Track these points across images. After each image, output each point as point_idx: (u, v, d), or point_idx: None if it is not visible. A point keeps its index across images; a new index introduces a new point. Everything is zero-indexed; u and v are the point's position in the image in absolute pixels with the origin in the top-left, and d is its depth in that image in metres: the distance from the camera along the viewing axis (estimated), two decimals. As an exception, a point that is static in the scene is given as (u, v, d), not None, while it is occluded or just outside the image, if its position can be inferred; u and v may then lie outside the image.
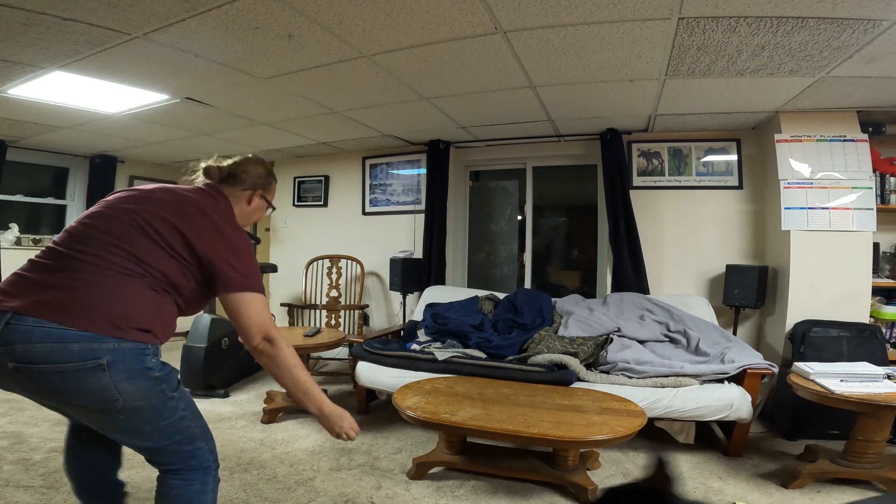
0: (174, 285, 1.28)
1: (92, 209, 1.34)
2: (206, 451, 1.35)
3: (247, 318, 1.30)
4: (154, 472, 1.37)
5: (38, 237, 4.82)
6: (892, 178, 3.10)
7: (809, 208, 3.08)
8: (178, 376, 1.34)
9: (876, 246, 3.07)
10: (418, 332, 3.42)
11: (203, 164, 1.54)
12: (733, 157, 3.66)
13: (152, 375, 1.22)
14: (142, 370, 1.19)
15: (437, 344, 3.12)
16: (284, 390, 3.13)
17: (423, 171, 4.40)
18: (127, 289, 1.20)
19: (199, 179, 1.52)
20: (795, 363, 2.42)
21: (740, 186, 3.64)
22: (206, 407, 3.21)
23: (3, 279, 4.30)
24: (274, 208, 1.64)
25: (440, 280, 4.18)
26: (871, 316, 3.02)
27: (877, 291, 3.06)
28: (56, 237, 1.28)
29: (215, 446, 1.40)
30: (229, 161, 1.56)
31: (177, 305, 1.33)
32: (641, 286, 3.65)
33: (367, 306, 4.52)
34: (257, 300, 1.32)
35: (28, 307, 1.12)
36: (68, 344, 1.11)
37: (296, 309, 4.41)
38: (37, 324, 1.11)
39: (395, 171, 4.60)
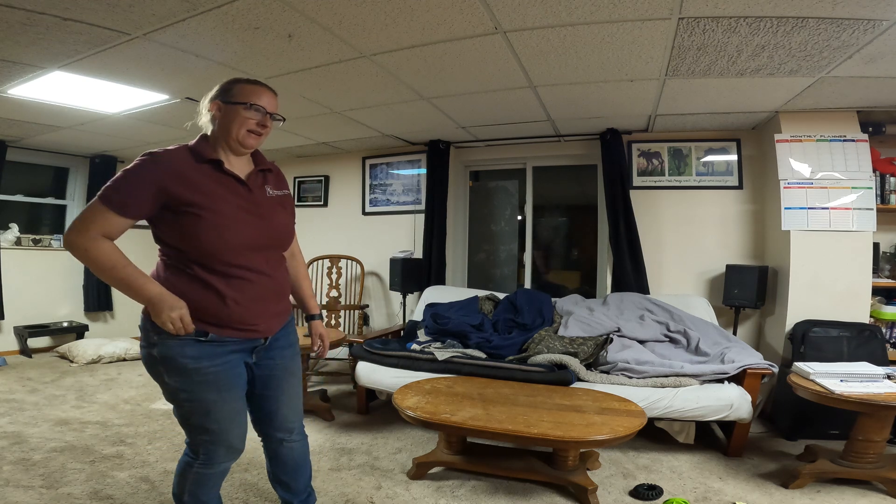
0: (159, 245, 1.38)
1: None
2: (201, 446, 1.40)
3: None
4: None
5: (38, 237, 4.82)
6: (892, 178, 3.10)
7: (809, 208, 3.08)
8: (208, 372, 1.33)
9: (876, 246, 3.07)
10: (418, 332, 3.42)
11: None
12: (733, 157, 3.66)
13: (150, 353, 1.34)
14: (146, 345, 1.35)
15: (437, 344, 3.11)
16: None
17: (423, 171, 4.40)
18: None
19: None
20: (795, 363, 2.42)
21: (740, 186, 3.64)
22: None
23: (2, 280, 4.31)
24: (249, 105, 1.37)
25: (440, 280, 4.18)
26: (871, 316, 3.02)
27: (877, 291, 3.06)
28: None
29: (224, 453, 1.41)
30: None
31: (185, 273, 1.33)
32: (641, 286, 3.65)
33: (367, 306, 4.52)
34: (88, 206, 1.27)
35: None
36: None
37: (296, 309, 4.39)
38: None
39: (395, 171, 4.60)
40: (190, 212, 1.28)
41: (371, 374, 2.95)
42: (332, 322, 4.37)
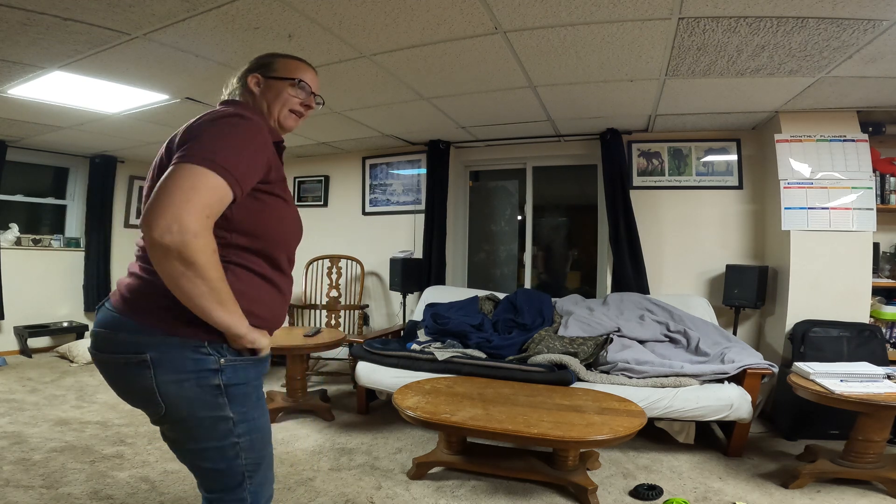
0: (227, 245, 1.02)
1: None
2: (248, 493, 1.08)
3: (169, 188, 0.89)
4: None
5: (38, 237, 4.83)
6: (892, 178, 3.10)
7: (809, 208, 3.08)
8: (259, 391, 1.11)
9: (876, 246, 3.07)
10: (418, 332, 3.42)
11: None
12: (733, 157, 3.66)
13: (210, 382, 1.00)
14: (197, 373, 0.99)
15: (437, 344, 3.12)
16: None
17: (423, 171, 4.40)
18: None
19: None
20: (795, 363, 2.42)
21: (740, 186, 3.64)
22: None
23: (2, 280, 4.30)
24: (296, 80, 1.20)
25: (440, 280, 4.18)
26: (871, 316, 3.02)
27: (877, 291, 3.06)
28: None
29: (270, 489, 1.15)
30: None
31: (253, 271, 1.06)
32: (641, 286, 3.65)
33: (367, 306, 4.52)
34: (189, 171, 0.90)
35: (114, 293, 1.06)
36: (116, 333, 1.00)
37: (296, 309, 4.41)
38: (109, 308, 1.03)
39: (395, 171, 4.60)
40: (275, 193, 1.07)
41: (371, 374, 2.95)
42: (332, 322, 4.37)
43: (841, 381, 2.17)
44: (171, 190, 0.89)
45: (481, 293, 3.82)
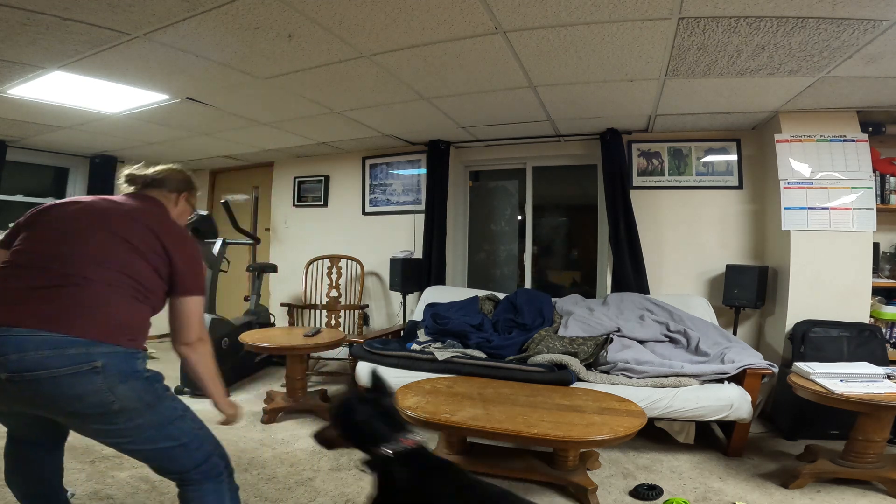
0: (149, 291, 1.37)
1: (50, 223, 1.46)
2: (217, 457, 1.40)
3: (194, 318, 1.44)
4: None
5: (38, 237, 4.82)
6: (892, 178, 3.10)
7: (809, 208, 3.08)
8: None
9: (876, 246, 3.07)
10: (418, 332, 3.42)
11: (126, 171, 1.59)
12: (733, 157, 3.66)
13: (143, 376, 1.30)
14: (134, 372, 1.28)
15: (437, 344, 3.11)
16: (284, 391, 3.15)
17: (423, 171, 4.40)
18: (116, 301, 1.29)
19: (122, 187, 1.58)
20: (795, 363, 2.42)
21: (740, 186, 3.64)
22: (206, 407, 3.20)
23: None
24: (196, 213, 1.76)
25: (440, 280, 4.18)
26: (871, 316, 3.02)
27: (877, 291, 3.06)
28: (21, 245, 1.39)
29: (225, 451, 1.45)
30: (151, 169, 1.61)
31: (152, 311, 1.43)
32: (641, 286, 3.65)
33: (367, 306, 4.51)
34: (198, 302, 1.46)
35: (22, 320, 1.17)
36: (65, 349, 1.17)
37: (296, 309, 4.41)
38: (30, 333, 1.16)
39: (395, 171, 4.60)
40: None
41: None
42: (333, 322, 4.37)
43: (841, 381, 2.17)
44: (194, 316, 1.42)
45: (481, 293, 3.82)
